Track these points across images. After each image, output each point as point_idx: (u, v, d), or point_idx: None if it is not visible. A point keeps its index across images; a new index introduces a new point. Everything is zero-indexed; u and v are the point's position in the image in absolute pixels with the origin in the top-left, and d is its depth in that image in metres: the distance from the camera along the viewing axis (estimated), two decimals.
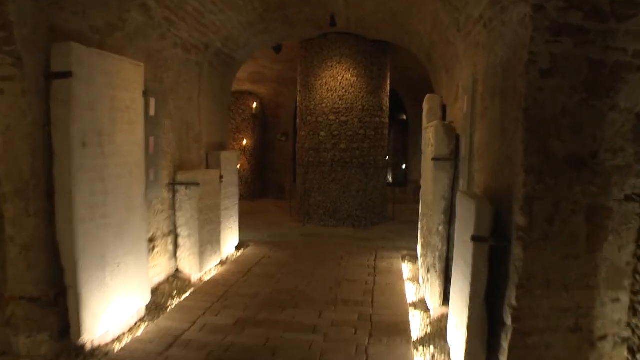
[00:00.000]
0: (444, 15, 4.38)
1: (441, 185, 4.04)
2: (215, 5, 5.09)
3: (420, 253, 5.10)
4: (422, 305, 4.58)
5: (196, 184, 4.99)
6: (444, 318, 4.18)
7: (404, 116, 14.59)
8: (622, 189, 2.59)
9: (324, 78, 8.48)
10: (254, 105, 12.15)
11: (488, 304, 2.90)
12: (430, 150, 4.27)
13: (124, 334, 3.80)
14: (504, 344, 2.73)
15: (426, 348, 3.58)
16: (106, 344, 3.57)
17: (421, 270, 4.95)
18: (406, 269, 5.91)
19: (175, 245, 5.27)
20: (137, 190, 4.10)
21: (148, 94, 4.47)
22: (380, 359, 3.38)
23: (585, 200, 2.62)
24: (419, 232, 5.96)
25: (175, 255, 5.29)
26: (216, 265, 5.79)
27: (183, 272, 5.30)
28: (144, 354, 3.41)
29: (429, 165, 4.35)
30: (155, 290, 4.80)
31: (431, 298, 4.25)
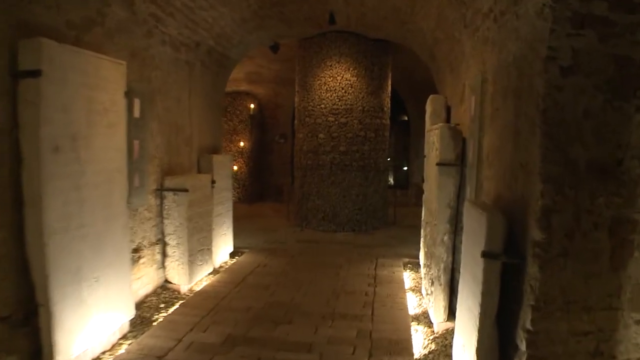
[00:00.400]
0: (450, 11, 4.09)
1: (446, 192, 3.75)
2: (206, 0, 4.81)
3: (423, 263, 4.81)
4: (425, 318, 4.29)
5: (185, 190, 4.70)
6: (448, 334, 3.89)
7: (405, 117, 14.32)
8: None
9: (323, 78, 8.19)
10: (252, 106, 11.86)
11: (499, 325, 2.62)
12: (434, 154, 3.98)
13: (104, 353, 3.54)
14: None
15: None
16: None
17: (424, 282, 4.65)
18: (408, 277, 5.62)
19: (164, 255, 4.98)
20: (119, 198, 3.82)
21: (132, 95, 4.19)
22: None
23: (609, 213, 2.33)
24: (422, 240, 5.67)
25: (163, 265, 5.00)
26: (208, 274, 5.51)
27: (172, 283, 5.01)
28: None
29: (433, 171, 4.06)
30: (141, 304, 4.52)
31: (435, 312, 3.96)
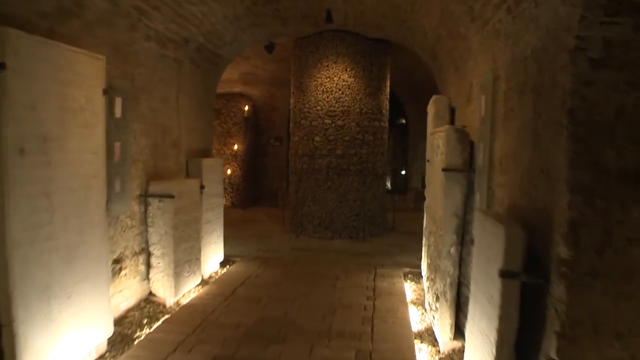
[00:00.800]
0: (455, 5, 3.81)
1: (453, 201, 3.45)
2: None
3: (426, 275, 4.50)
4: (429, 336, 3.99)
5: (170, 196, 4.38)
6: (455, 355, 3.59)
7: (403, 120, 14.04)
8: None
9: (319, 79, 7.89)
10: (246, 108, 11.55)
11: (518, 352, 2.31)
12: (439, 158, 3.68)
13: None
14: None
15: None
16: None
17: (427, 295, 4.35)
18: (409, 289, 5.31)
19: (148, 266, 4.66)
20: (96, 205, 3.50)
21: (113, 93, 3.88)
22: None
23: None
24: (424, 250, 5.37)
25: (147, 277, 4.67)
26: (196, 285, 5.18)
27: (157, 296, 4.68)
28: None
29: (437, 177, 3.76)
30: (122, 319, 4.20)
31: (441, 331, 3.66)
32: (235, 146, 11.49)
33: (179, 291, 4.69)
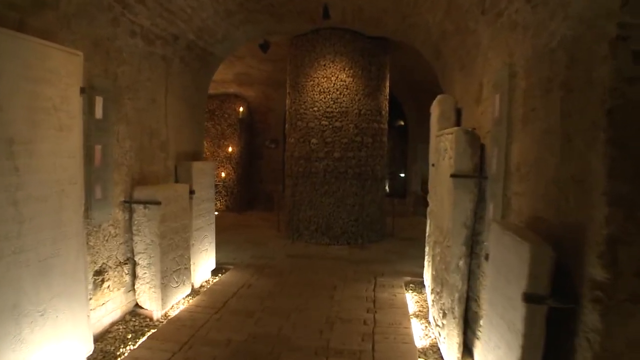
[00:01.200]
0: None
1: (462, 210, 3.17)
2: None
3: (431, 287, 4.22)
4: (434, 353, 3.70)
5: (156, 203, 4.07)
6: None
7: (402, 122, 13.75)
8: None
9: (316, 78, 7.59)
10: (241, 109, 11.24)
11: None
12: (447, 163, 3.39)
13: None
14: None
15: None
16: None
17: (432, 310, 4.06)
18: (411, 300, 5.02)
19: (134, 276, 4.35)
20: (72, 214, 3.20)
21: (93, 92, 3.59)
22: None
23: None
24: (427, 259, 5.09)
25: (133, 288, 4.37)
26: (186, 296, 4.87)
27: (143, 308, 4.37)
28: None
29: (445, 183, 3.48)
30: (105, 334, 3.90)
31: (448, 349, 3.37)
32: (230, 148, 11.18)
33: (167, 303, 4.39)
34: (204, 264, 5.44)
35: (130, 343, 3.79)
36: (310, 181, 7.69)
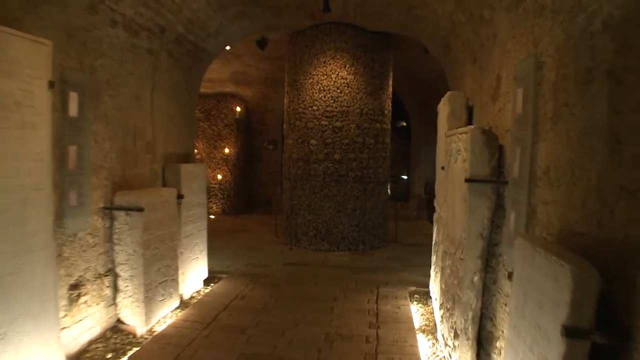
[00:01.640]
0: None
1: (478, 218, 2.80)
2: None
3: (440, 302, 3.85)
4: None
5: (139, 209, 3.72)
6: None
7: (404, 122, 13.35)
8: None
9: (316, 76, 7.23)
10: (238, 109, 10.88)
11: None
12: (460, 166, 3.03)
13: None
14: None
15: None
16: None
17: (441, 327, 3.69)
18: (416, 313, 4.66)
19: (116, 289, 3.99)
20: (38, 225, 2.84)
21: (66, 87, 3.23)
22: None
23: None
24: (433, 268, 4.73)
25: (114, 302, 4.01)
26: (174, 309, 4.51)
27: (126, 324, 4.01)
28: None
29: (458, 188, 3.12)
30: (82, 353, 3.56)
31: None
32: (227, 150, 10.82)
33: (152, 318, 4.03)
34: (194, 274, 5.08)
35: None
36: (309, 184, 7.33)
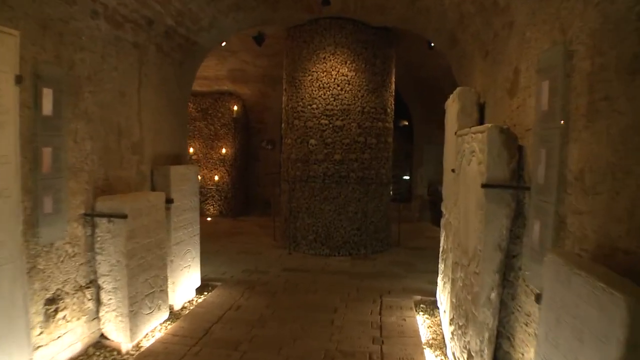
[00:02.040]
0: None
1: (496, 228, 2.50)
2: None
3: (450, 316, 3.55)
4: None
5: (122, 216, 3.42)
6: None
7: (405, 122, 13.04)
8: None
9: (315, 73, 6.92)
10: (235, 107, 10.58)
11: None
12: (475, 169, 2.73)
13: None
14: None
15: None
16: None
17: (452, 344, 3.39)
18: (423, 325, 4.36)
19: (99, 301, 3.69)
20: (4, 236, 2.55)
21: (40, 82, 2.93)
22: None
23: None
24: (440, 277, 4.43)
25: (97, 316, 3.71)
26: (164, 321, 4.22)
27: (109, 339, 3.72)
28: None
29: (472, 194, 2.82)
30: None
31: None
32: (224, 150, 10.52)
33: (138, 333, 3.73)
34: (185, 283, 4.78)
35: None
36: (309, 186, 7.02)
